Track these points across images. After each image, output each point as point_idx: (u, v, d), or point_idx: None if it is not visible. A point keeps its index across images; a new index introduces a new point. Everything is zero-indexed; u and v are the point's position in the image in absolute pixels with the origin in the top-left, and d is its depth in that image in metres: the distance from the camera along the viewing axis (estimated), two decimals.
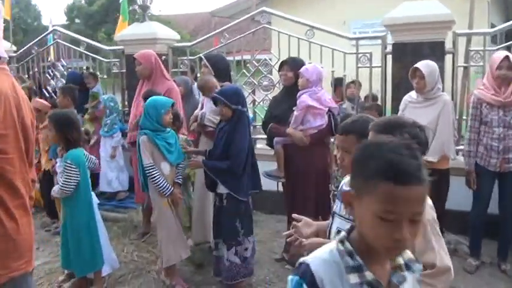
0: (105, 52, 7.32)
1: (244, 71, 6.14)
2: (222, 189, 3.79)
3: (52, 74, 7.33)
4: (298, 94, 4.22)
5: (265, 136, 4.67)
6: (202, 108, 4.51)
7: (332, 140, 4.36)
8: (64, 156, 3.81)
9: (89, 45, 7.20)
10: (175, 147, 4.03)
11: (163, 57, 6.38)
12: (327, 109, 4.23)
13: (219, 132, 3.86)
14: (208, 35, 6.76)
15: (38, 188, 6.24)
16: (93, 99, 6.69)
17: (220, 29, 6.28)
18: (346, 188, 1.97)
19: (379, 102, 5.41)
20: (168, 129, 4.03)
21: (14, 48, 8.36)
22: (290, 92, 4.38)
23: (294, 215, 2.30)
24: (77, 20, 32.62)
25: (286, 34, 5.64)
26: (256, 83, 5.94)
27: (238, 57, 6.56)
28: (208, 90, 4.31)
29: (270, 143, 4.50)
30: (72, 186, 3.71)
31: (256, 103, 6.07)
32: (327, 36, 5.52)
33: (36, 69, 7.50)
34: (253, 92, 6.09)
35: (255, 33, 6.10)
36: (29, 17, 31.77)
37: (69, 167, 3.71)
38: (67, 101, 5.61)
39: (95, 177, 6.47)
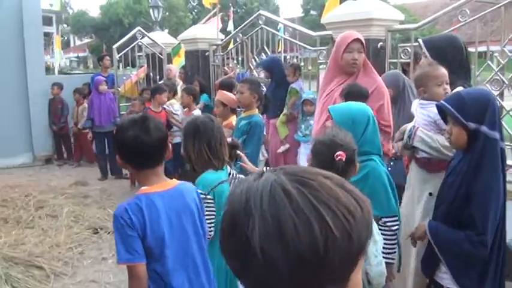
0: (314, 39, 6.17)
1: (489, 62, 4.24)
2: (445, 279, 2.26)
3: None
4: None
5: None
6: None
7: None
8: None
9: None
10: None
11: (380, 43, 4.94)
12: None
13: (452, 171, 2.33)
14: (437, 14, 4.95)
15: None
16: (291, 96, 5.70)
17: (454, 4, 4.49)
18: None
19: None
20: None
21: (222, 36, 7.97)
22: None
23: None
24: (312, 12, 33.14)
25: None
26: (507, 82, 4.05)
27: (482, 48, 4.68)
28: (427, 87, 2.79)
29: None
30: (211, 225, 2.51)
31: (505, 112, 4.11)
32: None
33: (240, 58, 6.89)
34: (501, 95, 4.17)
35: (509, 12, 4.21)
36: (268, 10, 33.36)
37: (204, 199, 2.42)
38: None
39: None
